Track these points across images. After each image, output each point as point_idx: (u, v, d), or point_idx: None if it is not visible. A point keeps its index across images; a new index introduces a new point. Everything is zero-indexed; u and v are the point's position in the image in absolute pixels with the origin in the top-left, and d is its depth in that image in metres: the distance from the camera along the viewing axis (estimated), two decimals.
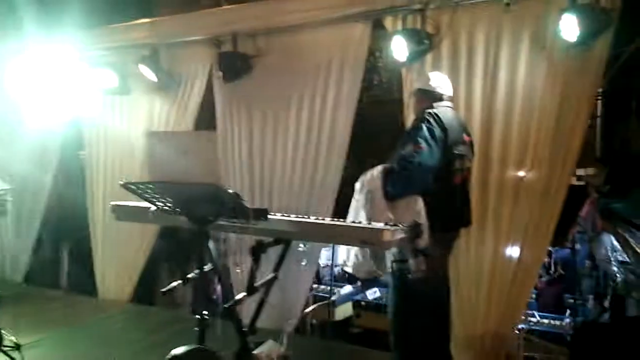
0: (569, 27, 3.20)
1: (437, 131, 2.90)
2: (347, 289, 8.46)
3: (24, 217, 5.86)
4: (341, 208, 3.72)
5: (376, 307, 6.62)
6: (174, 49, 4.83)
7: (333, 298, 5.80)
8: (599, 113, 8.77)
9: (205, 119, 4.98)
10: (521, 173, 3.56)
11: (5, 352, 3.45)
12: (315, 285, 7.71)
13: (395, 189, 2.91)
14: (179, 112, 4.89)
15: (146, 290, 5.40)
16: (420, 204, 2.84)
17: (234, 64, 4.43)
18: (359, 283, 7.19)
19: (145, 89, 5.00)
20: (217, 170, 2.32)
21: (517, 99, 3.55)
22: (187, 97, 4.85)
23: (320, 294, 7.74)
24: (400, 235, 2.58)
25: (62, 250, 6.43)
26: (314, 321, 7.44)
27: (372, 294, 7.77)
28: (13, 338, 3.62)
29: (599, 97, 8.54)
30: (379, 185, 2.96)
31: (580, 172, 8.77)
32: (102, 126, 5.37)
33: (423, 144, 2.86)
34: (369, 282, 8.43)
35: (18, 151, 5.71)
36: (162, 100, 4.98)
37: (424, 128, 2.90)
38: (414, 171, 2.87)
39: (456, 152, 2.99)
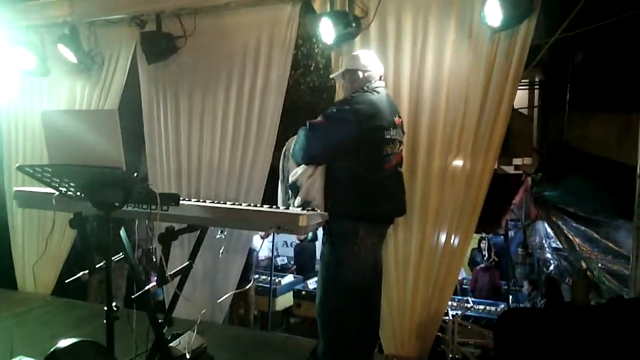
0: (493, 12, 3.19)
1: (362, 113, 2.84)
2: (288, 278, 8.45)
3: None
4: (270, 196, 3.64)
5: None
6: (95, 27, 4.58)
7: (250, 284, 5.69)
8: (536, 103, 9.01)
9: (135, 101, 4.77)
10: (447, 160, 3.55)
11: None
12: (256, 276, 7.65)
13: (294, 149, 2.97)
14: (102, 94, 4.65)
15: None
16: (319, 184, 2.84)
17: (157, 45, 4.23)
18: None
19: (66, 70, 4.75)
20: (120, 151, 2.16)
21: (444, 84, 3.52)
22: (109, 78, 4.63)
23: (262, 285, 7.69)
24: (317, 220, 2.53)
25: None
26: (256, 312, 7.39)
27: (313, 283, 7.76)
28: None
29: (537, 87, 8.77)
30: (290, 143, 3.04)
31: (518, 161, 9.00)
32: (19, 109, 5.08)
33: (329, 121, 2.85)
34: (310, 273, 8.46)
35: None
36: (83, 81, 4.73)
37: (344, 109, 2.86)
38: (309, 140, 2.87)
39: (387, 136, 2.93)
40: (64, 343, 2.18)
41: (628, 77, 6.01)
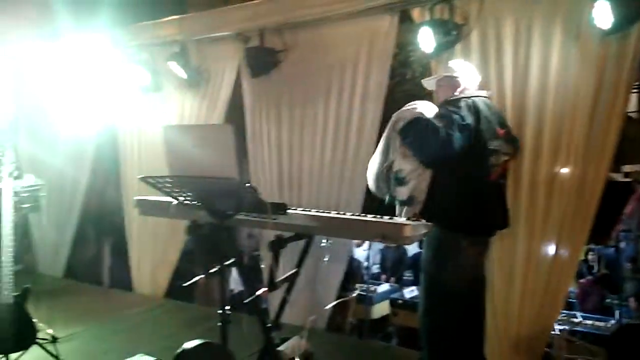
0: (603, 14, 3.04)
1: (469, 119, 2.78)
2: (384, 287, 8.41)
3: (62, 213, 6.00)
4: (370, 205, 3.67)
5: (413, 305, 6.47)
6: (203, 45, 4.85)
7: (354, 294, 5.71)
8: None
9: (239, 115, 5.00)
10: (555, 168, 3.43)
11: (41, 345, 3.54)
12: (358, 285, 7.68)
13: (409, 135, 2.86)
14: (209, 107, 4.92)
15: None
16: (426, 184, 2.82)
17: (261, 59, 4.42)
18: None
19: (176, 86, 5.05)
20: (235, 163, 2.29)
21: (550, 90, 3.41)
22: (216, 92, 4.88)
23: (361, 293, 7.71)
24: (422, 230, 2.52)
25: (102, 246, 6.60)
26: (352, 320, 7.43)
27: (410, 292, 7.69)
28: (50, 331, 3.71)
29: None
30: (406, 116, 2.93)
31: (627, 168, 8.45)
32: (134, 123, 5.46)
33: (453, 128, 2.74)
34: (407, 281, 8.37)
35: (54, 147, 5.86)
36: (191, 96, 5.01)
37: (454, 115, 2.78)
38: (434, 138, 2.75)
39: (491, 147, 2.86)
40: (189, 344, 2.32)
41: None
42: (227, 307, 2.59)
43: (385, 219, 2.55)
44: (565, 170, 3.42)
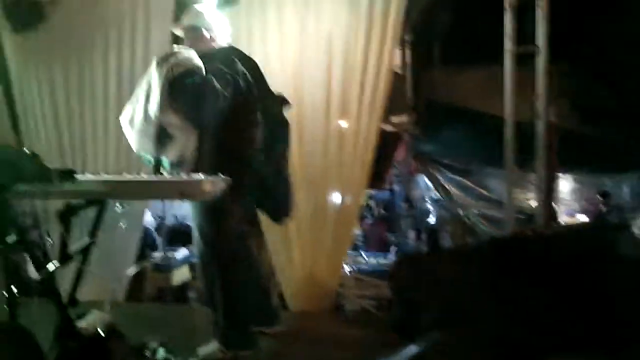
0: None
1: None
2: (183, 252, 8.26)
3: None
4: None
5: None
6: None
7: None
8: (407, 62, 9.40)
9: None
10: (333, 123, 3.68)
11: None
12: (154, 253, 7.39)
13: (185, 88, 2.64)
14: None
15: None
16: (194, 139, 2.72)
17: (23, 12, 3.96)
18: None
19: None
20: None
21: (322, 45, 3.62)
22: None
23: (157, 262, 7.45)
24: (221, 184, 2.51)
25: None
26: (152, 290, 7.17)
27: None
28: None
29: (407, 46, 9.14)
30: (185, 65, 2.69)
31: (395, 119, 9.39)
32: None
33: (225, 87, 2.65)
34: None
35: None
36: None
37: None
38: (212, 96, 2.63)
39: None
40: None
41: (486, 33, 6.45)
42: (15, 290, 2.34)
43: (183, 176, 2.51)
44: (341, 123, 3.69)
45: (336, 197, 3.77)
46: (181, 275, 7.87)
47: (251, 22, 3.69)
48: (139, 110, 2.73)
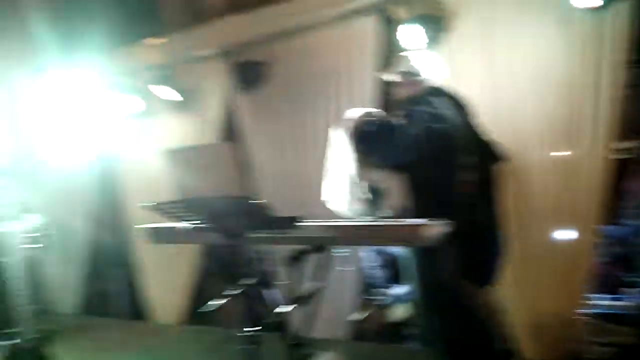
0: None
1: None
2: (403, 288, 8.29)
3: (73, 248, 5.91)
4: None
5: None
6: (189, 65, 4.83)
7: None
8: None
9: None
10: (551, 152, 3.44)
11: None
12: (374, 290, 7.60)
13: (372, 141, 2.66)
14: (203, 127, 4.87)
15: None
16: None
17: (249, 74, 4.41)
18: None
19: (166, 109, 5.01)
20: (238, 182, 2.25)
21: (537, 73, 3.42)
22: (206, 112, 4.85)
23: (372, 299, 7.61)
24: (442, 229, 2.44)
25: (116, 278, 6.49)
26: (369, 327, 7.33)
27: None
28: None
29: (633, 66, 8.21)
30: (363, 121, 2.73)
31: (624, 145, 8.44)
32: (131, 150, 5.41)
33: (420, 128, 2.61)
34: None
35: (55, 182, 5.76)
36: (183, 118, 4.97)
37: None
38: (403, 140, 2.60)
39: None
40: None
41: None
42: (253, 328, 2.52)
43: (400, 221, 2.49)
44: (561, 153, 3.43)
45: (564, 235, 3.47)
46: (400, 312, 7.91)
47: (456, 58, 3.61)
48: (340, 181, 2.77)
